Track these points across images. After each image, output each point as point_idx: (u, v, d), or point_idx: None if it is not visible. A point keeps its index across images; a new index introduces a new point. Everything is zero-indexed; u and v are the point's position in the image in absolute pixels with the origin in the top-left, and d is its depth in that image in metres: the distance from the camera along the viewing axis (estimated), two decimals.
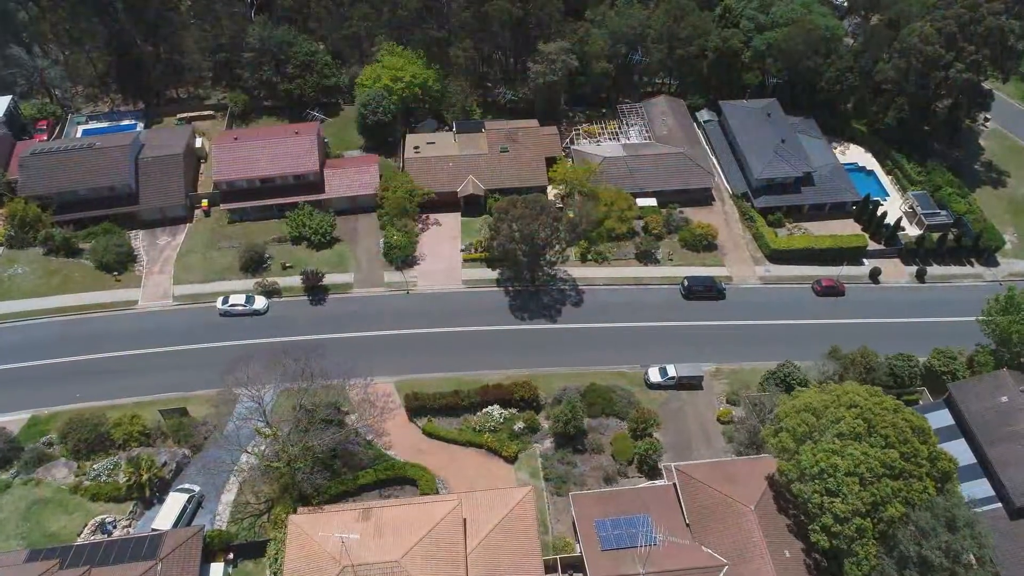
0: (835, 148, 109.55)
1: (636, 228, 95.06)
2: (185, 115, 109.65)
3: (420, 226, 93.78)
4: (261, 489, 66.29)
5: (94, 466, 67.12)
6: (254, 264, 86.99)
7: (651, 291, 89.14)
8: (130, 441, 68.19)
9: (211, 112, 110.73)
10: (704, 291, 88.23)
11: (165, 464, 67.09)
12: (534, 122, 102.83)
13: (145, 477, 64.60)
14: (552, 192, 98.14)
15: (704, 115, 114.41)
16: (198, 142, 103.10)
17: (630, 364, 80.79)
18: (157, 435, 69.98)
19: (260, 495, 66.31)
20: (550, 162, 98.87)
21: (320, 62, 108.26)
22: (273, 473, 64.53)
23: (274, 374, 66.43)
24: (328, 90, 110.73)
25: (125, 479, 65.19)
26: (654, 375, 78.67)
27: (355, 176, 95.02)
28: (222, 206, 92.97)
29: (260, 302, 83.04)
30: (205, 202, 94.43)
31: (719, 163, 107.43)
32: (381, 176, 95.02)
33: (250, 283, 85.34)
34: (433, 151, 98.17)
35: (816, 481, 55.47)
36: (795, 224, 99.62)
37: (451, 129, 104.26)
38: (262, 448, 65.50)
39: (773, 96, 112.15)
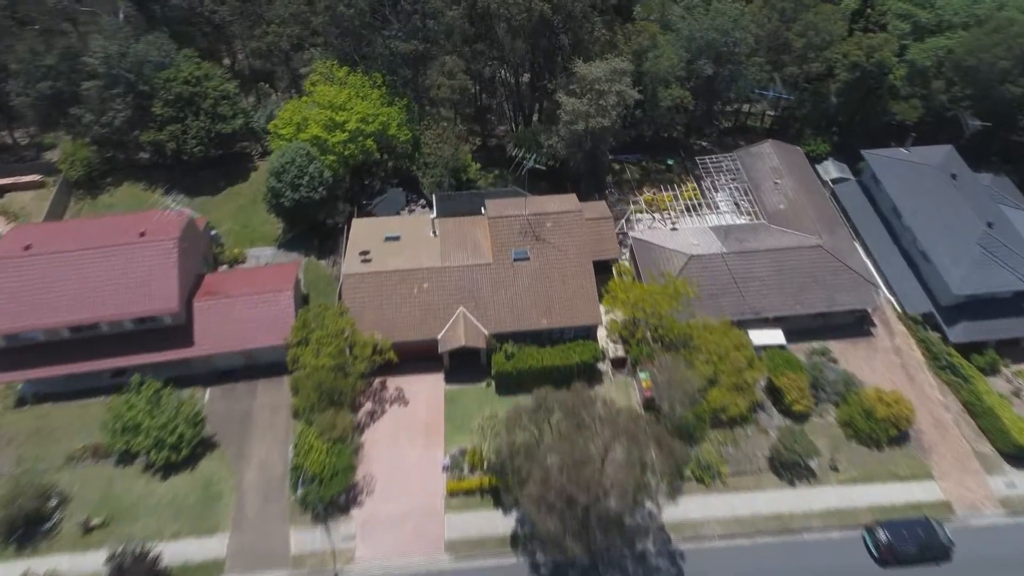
0: None
1: (758, 395, 52.85)
2: None
3: (368, 405, 50.87)
4: None
5: None
6: (28, 524, 43.73)
7: (808, 548, 46.17)
8: None
9: (38, 177, 67.61)
10: (918, 552, 45.35)
11: None
12: (571, 198, 58.46)
13: None
14: (605, 331, 55.53)
15: (830, 170, 72.26)
16: None
17: None
18: None
19: None
20: (600, 269, 56.54)
21: (211, 95, 65.10)
22: None
23: None
24: (226, 140, 67.56)
25: None
26: None
27: (251, 310, 52.04)
28: (1, 377, 49.97)
29: None
30: None
31: (871, 259, 65.06)
32: (301, 304, 52.44)
33: (16, 569, 42.14)
34: (393, 256, 54.68)
35: None
36: (1017, 371, 57.55)
37: (427, 206, 61.80)
38: None
39: (949, 143, 69.72)
